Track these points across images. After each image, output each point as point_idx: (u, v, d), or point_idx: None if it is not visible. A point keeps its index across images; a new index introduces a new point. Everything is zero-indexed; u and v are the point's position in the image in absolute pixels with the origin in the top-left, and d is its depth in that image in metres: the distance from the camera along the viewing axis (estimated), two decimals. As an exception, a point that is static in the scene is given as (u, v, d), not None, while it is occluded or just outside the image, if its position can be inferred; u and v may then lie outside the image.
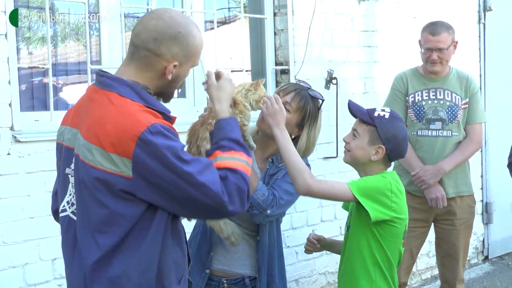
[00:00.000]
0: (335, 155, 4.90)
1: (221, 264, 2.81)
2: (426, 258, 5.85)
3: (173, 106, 4.58)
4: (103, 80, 2.12)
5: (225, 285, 2.80)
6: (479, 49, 6.27)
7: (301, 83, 2.85)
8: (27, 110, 3.81)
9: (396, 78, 4.26)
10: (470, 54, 6.11)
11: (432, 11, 5.66)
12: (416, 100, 4.12)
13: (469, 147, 4.09)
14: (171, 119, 2.16)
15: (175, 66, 2.12)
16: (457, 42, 4.10)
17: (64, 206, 2.18)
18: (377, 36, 5.39)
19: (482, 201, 6.34)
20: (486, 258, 6.49)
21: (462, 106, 4.11)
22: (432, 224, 4.24)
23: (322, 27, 4.97)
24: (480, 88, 5.96)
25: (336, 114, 4.89)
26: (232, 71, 5.01)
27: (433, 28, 4.06)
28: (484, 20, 6.26)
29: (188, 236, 2.61)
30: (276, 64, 4.87)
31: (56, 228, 2.51)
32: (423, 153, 4.08)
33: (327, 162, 4.91)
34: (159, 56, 2.10)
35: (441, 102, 4.09)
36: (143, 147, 1.97)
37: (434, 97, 4.11)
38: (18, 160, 3.52)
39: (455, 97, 4.10)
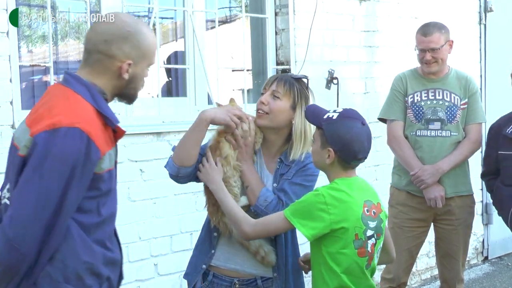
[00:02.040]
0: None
1: (233, 263, 2.74)
2: (426, 258, 5.85)
3: (174, 105, 4.57)
4: (64, 76, 2.17)
5: (237, 285, 2.74)
6: (480, 50, 6.28)
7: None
8: (28, 108, 3.79)
9: (396, 78, 4.26)
10: (470, 55, 6.12)
11: (433, 11, 5.66)
12: (415, 101, 4.12)
13: (468, 147, 4.09)
14: (117, 130, 2.16)
15: (129, 64, 2.15)
16: (452, 41, 4.10)
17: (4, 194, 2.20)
18: (378, 36, 5.40)
19: (482, 201, 6.33)
20: (486, 258, 6.49)
21: (461, 107, 4.11)
22: (432, 224, 4.25)
23: (323, 27, 4.98)
24: (481, 89, 5.98)
25: (336, 114, 4.89)
26: (233, 71, 5.02)
27: (425, 29, 4.07)
28: (485, 21, 6.26)
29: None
30: (277, 63, 4.87)
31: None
32: (422, 153, 4.08)
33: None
34: (111, 57, 2.14)
35: (440, 102, 4.10)
36: (48, 136, 1.98)
37: (433, 97, 4.11)
38: (19, 158, 3.53)
39: (454, 97, 4.10)
